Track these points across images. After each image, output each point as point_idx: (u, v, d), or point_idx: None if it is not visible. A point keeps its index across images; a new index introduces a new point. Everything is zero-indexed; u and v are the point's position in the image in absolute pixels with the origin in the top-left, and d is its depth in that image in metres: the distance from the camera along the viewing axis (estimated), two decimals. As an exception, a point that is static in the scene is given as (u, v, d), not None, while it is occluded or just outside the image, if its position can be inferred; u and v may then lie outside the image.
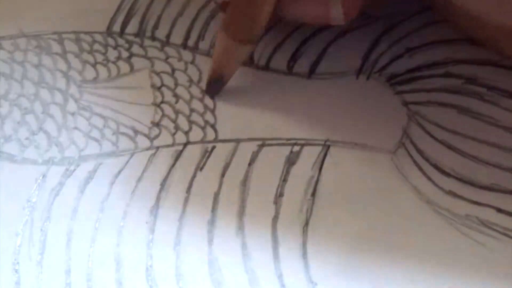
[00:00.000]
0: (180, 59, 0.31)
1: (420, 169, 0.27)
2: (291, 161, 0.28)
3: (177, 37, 0.32)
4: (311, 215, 0.26)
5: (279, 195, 0.27)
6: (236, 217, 0.26)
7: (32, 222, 0.26)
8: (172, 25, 0.32)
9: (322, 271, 0.25)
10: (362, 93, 0.29)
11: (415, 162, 0.27)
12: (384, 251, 0.25)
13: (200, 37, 0.32)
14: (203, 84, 0.30)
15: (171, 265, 0.25)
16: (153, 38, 0.32)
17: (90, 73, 0.31)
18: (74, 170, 0.28)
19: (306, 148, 0.28)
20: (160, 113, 0.29)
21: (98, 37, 0.32)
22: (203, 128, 0.29)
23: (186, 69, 0.31)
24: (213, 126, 0.29)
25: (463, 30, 0.29)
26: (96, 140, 0.29)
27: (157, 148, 0.28)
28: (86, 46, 0.32)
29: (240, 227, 0.26)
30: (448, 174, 0.27)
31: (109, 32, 0.32)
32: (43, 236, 0.26)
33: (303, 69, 0.31)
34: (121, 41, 0.32)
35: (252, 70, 0.31)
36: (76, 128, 0.29)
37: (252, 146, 0.28)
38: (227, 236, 0.26)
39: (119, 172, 0.28)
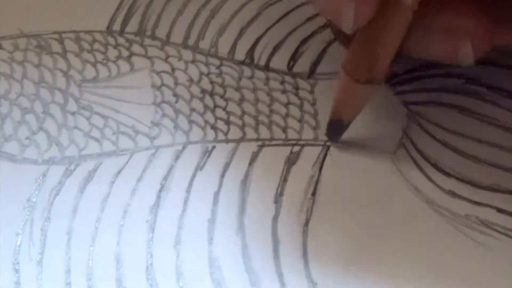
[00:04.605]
0: (180, 58, 0.31)
1: (420, 169, 0.27)
2: (291, 161, 0.28)
3: (177, 36, 0.32)
4: (311, 214, 0.26)
5: (279, 194, 0.27)
6: (236, 216, 0.26)
7: (32, 222, 0.26)
8: (172, 24, 0.32)
9: (322, 271, 0.25)
10: (362, 93, 0.29)
11: (415, 162, 0.27)
12: (384, 251, 0.25)
13: (201, 36, 0.32)
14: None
15: (171, 264, 0.25)
16: (153, 37, 0.32)
17: (90, 72, 0.31)
18: (74, 169, 0.28)
19: (306, 149, 0.28)
20: (160, 112, 0.29)
21: (98, 36, 0.32)
22: (203, 128, 0.29)
23: (186, 68, 0.31)
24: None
25: None
26: (96, 139, 0.29)
27: (157, 148, 0.28)
28: (86, 46, 0.32)
29: (240, 227, 0.26)
30: (448, 174, 0.27)
31: (109, 31, 0.32)
32: (43, 236, 0.26)
33: (303, 69, 0.31)
34: (121, 40, 0.32)
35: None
36: (76, 127, 0.29)
37: (252, 147, 0.28)
38: (227, 236, 0.26)
39: (119, 171, 0.28)
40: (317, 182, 0.27)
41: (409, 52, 0.27)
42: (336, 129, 0.28)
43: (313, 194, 0.27)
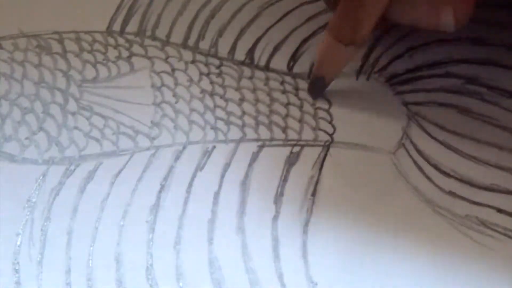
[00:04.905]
0: (180, 58, 0.31)
1: (420, 169, 0.27)
2: (291, 161, 0.28)
3: (177, 37, 0.32)
4: (311, 215, 0.26)
5: (279, 195, 0.27)
6: (236, 216, 0.26)
7: (32, 222, 0.26)
8: (172, 25, 0.32)
9: (322, 271, 0.25)
10: (362, 94, 0.30)
11: (415, 162, 0.27)
12: (384, 251, 0.25)
13: (200, 36, 0.32)
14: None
15: (171, 264, 0.25)
16: (153, 37, 0.32)
17: (90, 72, 0.31)
18: (74, 169, 0.28)
19: (306, 149, 0.28)
20: (160, 112, 0.29)
21: (98, 37, 0.32)
22: (203, 128, 0.29)
23: (186, 68, 0.31)
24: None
25: None
26: (96, 139, 0.29)
27: (157, 148, 0.28)
28: (86, 46, 0.32)
29: (240, 227, 0.26)
30: (448, 175, 0.27)
31: (109, 31, 0.32)
32: (43, 236, 0.26)
33: (303, 69, 0.31)
34: (121, 41, 0.32)
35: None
36: (76, 127, 0.29)
37: (252, 147, 0.28)
38: (227, 236, 0.26)
39: (119, 172, 0.28)
40: (317, 182, 0.27)
41: (393, 18, 0.27)
42: (317, 85, 0.29)
43: (313, 194, 0.27)
